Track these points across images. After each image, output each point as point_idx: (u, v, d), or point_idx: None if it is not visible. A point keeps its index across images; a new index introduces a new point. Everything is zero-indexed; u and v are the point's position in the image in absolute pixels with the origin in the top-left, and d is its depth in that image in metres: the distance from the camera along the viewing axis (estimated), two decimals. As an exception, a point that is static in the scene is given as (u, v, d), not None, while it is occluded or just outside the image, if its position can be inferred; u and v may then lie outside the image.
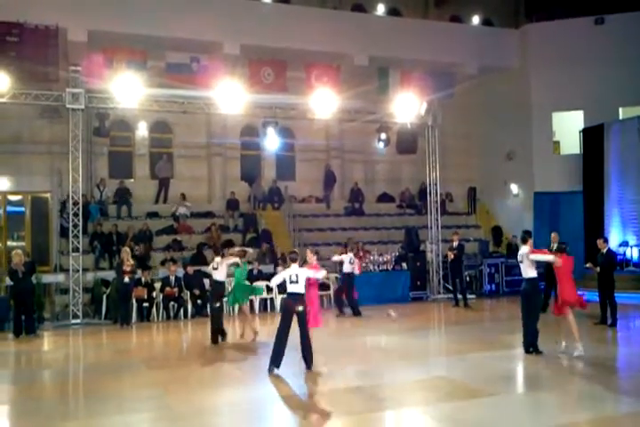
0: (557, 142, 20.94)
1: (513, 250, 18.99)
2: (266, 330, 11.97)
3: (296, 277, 8.50)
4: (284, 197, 20.15)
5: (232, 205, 19.24)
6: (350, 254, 14.43)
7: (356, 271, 14.31)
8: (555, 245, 13.86)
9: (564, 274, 9.43)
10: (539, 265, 9.93)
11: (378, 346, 10.75)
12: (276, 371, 8.34)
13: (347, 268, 14.20)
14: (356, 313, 14.03)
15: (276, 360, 8.40)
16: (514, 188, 21.41)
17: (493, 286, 17.32)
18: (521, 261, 9.41)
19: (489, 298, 16.88)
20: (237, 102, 15.00)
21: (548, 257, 9.66)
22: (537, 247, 16.72)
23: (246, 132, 20.77)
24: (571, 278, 9.49)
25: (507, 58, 20.76)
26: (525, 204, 20.88)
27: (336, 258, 14.56)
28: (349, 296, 14.28)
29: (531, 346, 9.30)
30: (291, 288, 8.54)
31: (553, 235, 14.14)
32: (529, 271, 9.34)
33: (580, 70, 19.26)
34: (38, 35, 16.06)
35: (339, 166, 21.45)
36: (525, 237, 9.59)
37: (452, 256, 15.34)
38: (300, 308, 8.44)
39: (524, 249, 9.44)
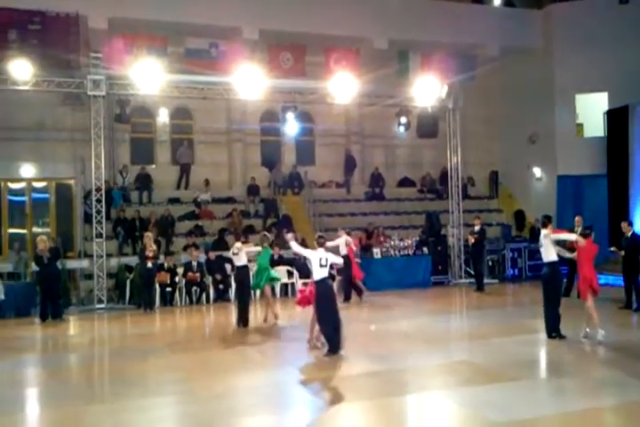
0: (581, 125, 20.57)
1: (536, 234, 18.78)
2: (287, 314, 12.10)
3: (326, 260, 8.62)
4: (304, 182, 20.14)
5: (252, 190, 19.30)
6: (345, 237, 13.64)
7: (343, 252, 13.11)
8: (579, 229, 13.79)
9: (586, 259, 9.32)
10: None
11: (399, 330, 10.76)
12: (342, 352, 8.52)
13: (342, 251, 13.32)
14: (347, 298, 13.69)
15: (337, 345, 8.50)
16: (537, 171, 21.13)
17: (516, 270, 17.23)
18: (541, 246, 9.33)
19: (512, 283, 16.79)
20: (257, 88, 14.99)
21: (571, 236, 9.57)
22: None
23: (266, 118, 20.73)
24: (591, 264, 9.37)
25: (529, 39, 20.36)
26: (548, 187, 20.61)
27: (330, 244, 13.14)
28: (346, 279, 13.72)
29: (553, 331, 9.24)
30: (323, 272, 8.62)
31: (577, 218, 14.01)
32: (550, 255, 9.25)
33: (604, 51, 18.84)
34: (59, 22, 16.14)
35: (359, 151, 21.35)
36: (545, 221, 9.54)
37: (473, 240, 15.29)
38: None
39: (544, 232, 9.36)
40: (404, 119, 18.59)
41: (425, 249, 16.70)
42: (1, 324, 10.93)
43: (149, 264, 13.38)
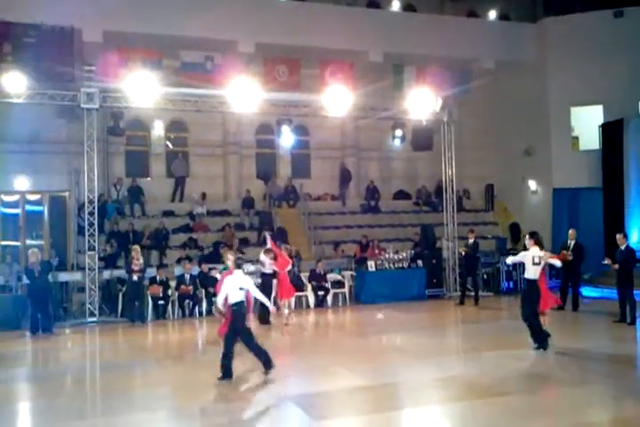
0: (576, 138, 20.63)
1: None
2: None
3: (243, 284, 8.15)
4: (300, 194, 20.13)
5: (248, 203, 19.27)
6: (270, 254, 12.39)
7: (268, 271, 12.45)
8: (572, 242, 13.77)
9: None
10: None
11: (393, 344, 10.68)
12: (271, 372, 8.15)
13: (267, 269, 12.52)
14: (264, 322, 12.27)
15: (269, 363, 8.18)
16: (532, 184, 21.15)
17: (511, 283, 17.12)
18: (537, 263, 9.31)
19: (506, 296, 16.69)
20: (252, 101, 14.99)
21: (557, 261, 9.80)
22: (556, 244, 16.65)
23: (261, 131, 20.77)
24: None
25: (524, 52, 20.48)
26: (544, 200, 20.61)
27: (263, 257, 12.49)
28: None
29: (539, 342, 9.27)
30: (239, 295, 8.08)
31: (570, 231, 14.02)
32: (535, 273, 9.34)
33: (599, 64, 18.93)
34: (54, 36, 16.20)
35: (354, 164, 21.36)
36: (536, 239, 9.58)
37: (463, 253, 15.27)
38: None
39: (536, 251, 9.37)
40: (399, 132, 18.66)
41: (420, 262, 16.64)
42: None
43: (135, 277, 13.33)
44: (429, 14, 21.15)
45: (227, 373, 7.83)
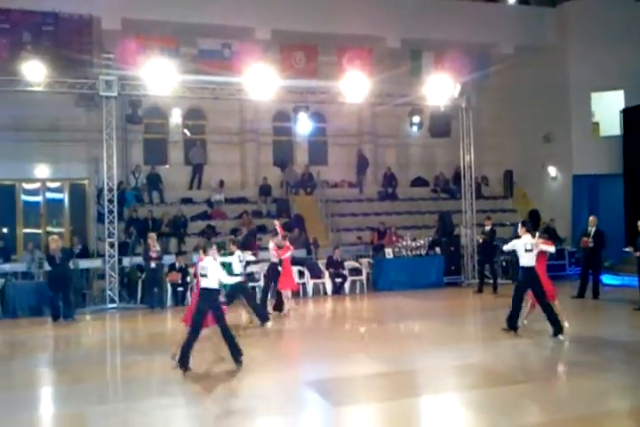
0: (597, 123, 20.33)
1: (550, 235, 18.68)
2: (299, 313, 12.06)
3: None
4: (317, 182, 20.11)
5: (265, 190, 19.31)
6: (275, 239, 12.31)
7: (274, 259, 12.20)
8: (592, 229, 13.63)
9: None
10: (579, 250, 9.80)
11: (410, 331, 10.70)
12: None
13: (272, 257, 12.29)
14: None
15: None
16: (552, 170, 20.92)
17: (530, 270, 16.98)
18: (530, 250, 9.30)
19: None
20: (269, 88, 14.96)
21: (550, 248, 9.83)
22: (577, 231, 16.48)
23: (278, 118, 20.74)
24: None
25: (543, 37, 20.14)
26: (564, 187, 20.39)
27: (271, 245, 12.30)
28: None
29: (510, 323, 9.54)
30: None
31: (591, 218, 13.89)
32: (530, 260, 9.38)
33: (620, 49, 18.57)
34: (72, 24, 16.27)
35: (371, 150, 21.26)
36: (530, 227, 9.74)
37: (481, 240, 15.19)
38: None
39: (528, 239, 9.40)
40: (416, 118, 18.49)
41: (437, 249, 16.58)
42: (14, 323, 11.00)
43: (153, 264, 13.47)
44: (448, -1, 20.86)
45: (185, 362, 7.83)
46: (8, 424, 6.21)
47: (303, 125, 17.29)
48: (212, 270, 7.93)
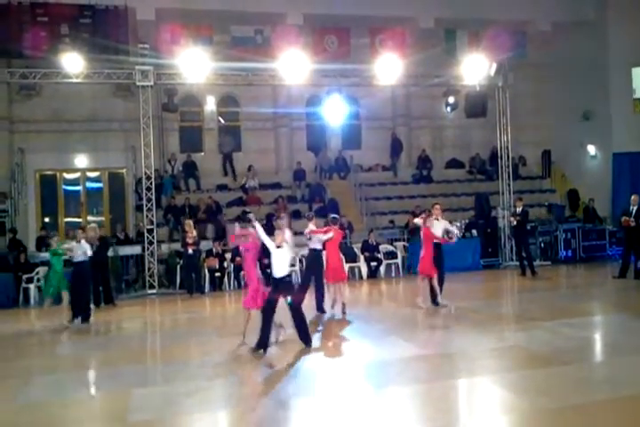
0: (638, 100, 19.74)
1: (590, 214, 18.34)
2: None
3: None
4: (350, 166, 20.06)
5: (299, 175, 19.36)
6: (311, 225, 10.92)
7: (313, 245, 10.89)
8: (634, 209, 13.30)
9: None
10: (620, 230, 9.57)
11: (448, 314, 10.65)
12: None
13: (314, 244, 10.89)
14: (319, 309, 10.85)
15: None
16: (591, 149, 20.45)
17: (570, 252, 16.76)
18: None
19: (565, 264, 16.37)
20: (302, 72, 14.94)
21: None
22: (617, 210, 16.09)
23: (311, 102, 20.68)
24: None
25: (582, 11, 19.59)
26: (603, 166, 19.93)
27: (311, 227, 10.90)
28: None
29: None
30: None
31: (633, 197, 13.51)
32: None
33: (662, 22, 18.01)
34: (109, 15, 16.56)
35: (405, 133, 21.09)
36: None
37: (515, 222, 14.87)
38: None
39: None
40: (451, 99, 18.26)
41: (474, 232, 16.42)
42: (57, 310, 11.29)
43: (190, 251, 13.68)
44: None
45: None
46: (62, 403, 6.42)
47: (336, 109, 17.20)
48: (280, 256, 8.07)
